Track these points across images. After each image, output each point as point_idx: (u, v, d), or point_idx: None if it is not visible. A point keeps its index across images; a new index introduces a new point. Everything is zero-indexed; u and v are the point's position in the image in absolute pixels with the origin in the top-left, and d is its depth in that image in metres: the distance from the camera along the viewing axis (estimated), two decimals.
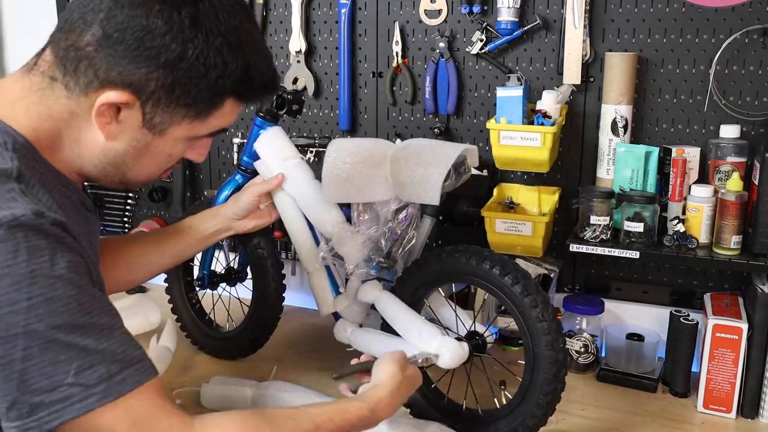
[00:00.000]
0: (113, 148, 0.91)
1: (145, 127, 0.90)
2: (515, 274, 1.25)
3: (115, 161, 0.93)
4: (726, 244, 1.42)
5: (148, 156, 0.94)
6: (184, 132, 0.93)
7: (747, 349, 1.40)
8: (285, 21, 1.87)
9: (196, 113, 0.91)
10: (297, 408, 1.00)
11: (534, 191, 1.69)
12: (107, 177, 0.96)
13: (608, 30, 1.61)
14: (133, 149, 0.92)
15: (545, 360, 1.23)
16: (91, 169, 0.94)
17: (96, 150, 0.91)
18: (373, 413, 1.04)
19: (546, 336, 1.22)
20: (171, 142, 0.94)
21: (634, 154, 1.52)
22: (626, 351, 1.58)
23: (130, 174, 0.96)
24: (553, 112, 1.52)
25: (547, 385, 1.23)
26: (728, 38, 1.50)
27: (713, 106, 1.55)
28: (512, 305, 1.26)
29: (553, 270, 1.68)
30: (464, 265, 1.30)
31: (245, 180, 1.54)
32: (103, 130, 0.89)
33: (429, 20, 1.73)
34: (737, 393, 1.42)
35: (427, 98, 1.75)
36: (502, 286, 1.26)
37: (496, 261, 1.27)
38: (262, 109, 1.49)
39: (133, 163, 0.94)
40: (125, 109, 0.88)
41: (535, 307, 1.23)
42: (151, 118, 0.89)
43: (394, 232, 1.35)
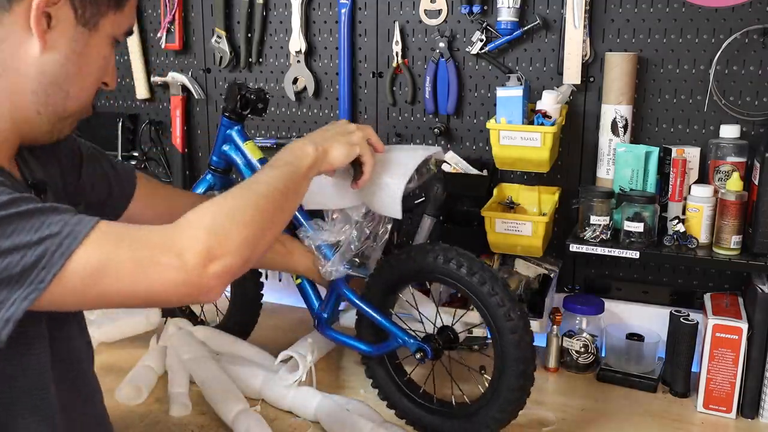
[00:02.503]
0: (52, 59, 0.86)
1: (80, 24, 0.87)
2: (482, 273, 1.27)
3: (55, 76, 0.88)
4: (726, 244, 1.42)
5: (89, 60, 0.90)
6: (110, 26, 0.91)
7: (747, 349, 1.40)
8: (285, 21, 1.87)
9: (117, 2, 0.90)
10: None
11: (534, 191, 1.69)
12: (48, 106, 0.89)
13: (608, 30, 1.61)
14: (74, 53, 0.88)
15: (506, 331, 1.25)
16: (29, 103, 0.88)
17: (32, 69, 0.86)
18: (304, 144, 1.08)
19: (513, 335, 1.24)
20: (104, 40, 0.91)
21: (634, 154, 1.52)
22: (626, 351, 1.58)
23: (73, 90, 0.90)
24: (553, 112, 1.52)
25: (517, 354, 1.25)
26: (728, 38, 1.50)
27: (713, 106, 1.55)
28: (466, 290, 1.29)
29: (553, 270, 1.68)
30: (432, 263, 1.31)
31: (216, 179, 1.54)
32: (41, 39, 0.84)
33: (429, 20, 1.73)
34: (737, 393, 1.42)
35: (427, 98, 1.75)
36: (468, 285, 1.28)
37: (463, 260, 1.28)
38: (228, 109, 1.49)
39: (77, 72, 0.89)
40: (56, 10, 0.84)
41: (484, 283, 1.25)
42: (83, 12, 0.87)
43: (363, 231, 1.36)
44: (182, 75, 1.98)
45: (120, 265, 0.79)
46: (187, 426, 1.39)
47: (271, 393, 1.46)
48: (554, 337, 1.61)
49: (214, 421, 1.41)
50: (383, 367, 1.43)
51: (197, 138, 2.05)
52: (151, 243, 0.81)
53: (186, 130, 2.03)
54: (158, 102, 2.07)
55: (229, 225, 0.86)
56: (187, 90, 1.99)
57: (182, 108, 2.00)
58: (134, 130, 2.09)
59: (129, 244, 0.80)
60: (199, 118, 2.04)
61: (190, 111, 2.04)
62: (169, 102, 2.02)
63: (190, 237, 0.83)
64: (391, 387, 1.43)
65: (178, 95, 2.00)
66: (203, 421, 1.41)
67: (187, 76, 1.98)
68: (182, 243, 0.82)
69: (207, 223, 0.85)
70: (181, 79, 1.98)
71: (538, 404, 1.45)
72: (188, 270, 0.81)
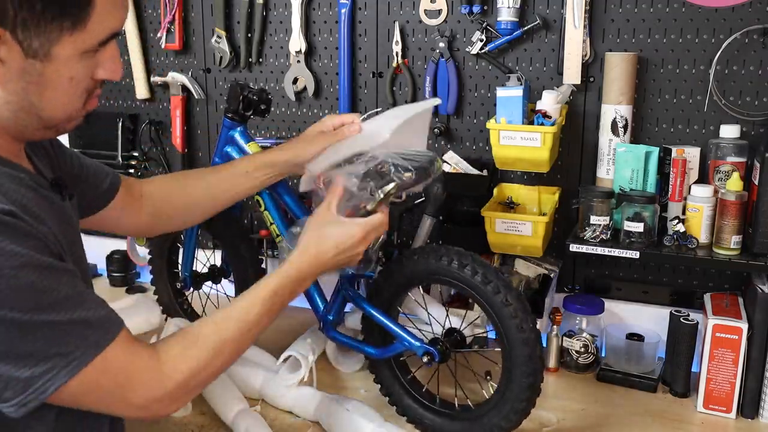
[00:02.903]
0: (13, 90, 0.86)
1: (29, 57, 0.84)
2: (497, 282, 1.26)
3: (22, 105, 0.88)
4: (726, 244, 1.42)
5: (50, 87, 0.87)
6: (72, 48, 0.86)
7: (747, 349, 1.40)
8: (285, 21, 1.87)
9: (71, 23, 0.84)
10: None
11: (534, 191, 1.69)
12: (28, 126, 0.91)
13: (608, 30, 1.61)
14: (31, 85, 0.86)
15: (518, 343, 1.24)
16: (10, 125, 0.90)
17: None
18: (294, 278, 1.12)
19: (514, 319, 1.24)
20: (65, 64, 0.87)
21: (634, 154, 1.52)
22: (626, 351, 1.58)
23: (46, 113, 0.90)
24: (553, 112, 1.52)
25: (526, 367, 1.24)
26: (728, 38, 1.50)
27: (713, 106, 1.55)
28: (479, 298, 1.28)
29: (553, 270, 1.68)
30: (445, 267, 1.31)
31: None
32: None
33: (429, 20, 1.73)
34: (737, 393, 1.42)
35: (427, 98, 1.75)
36: (483, 293, 1.27)
37: (478, 267, 1.28)
38: (230, 110, 1.49)
39: (40, 101, 0.88)
40: (1, 46, 0.82)
41: (498, 293, 1.24)
42: (30, 45, 0.83)
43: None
44: (182, 75, 1.98)
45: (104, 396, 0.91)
46: (188, 426, 1.39)
47: (271, 393, 1.46)
48: (554, 337, 1.61)
49: (214, 421, 1.41)
50: (387, 364, 1.43)
51: (197, 138, 2.05)
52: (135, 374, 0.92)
53: (186, 130, 2.03)
54: (158, 102, 2.06)
55: (206, 378, 1.01)
56: (187, 90, 1.99)
57: (182, 108, 2.00)
58: (134, 130, 2.09)
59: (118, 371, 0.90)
60: (199, 118, 2.03)
61: (190, 111, 2.04)
62: (169, 102, 2.02)
63: (168, 387, 0.95)
64: (394, 384, 1.42)
65: (178, 95, 2.00)
66: (203, 421, 1.41)
67: (187, 76, 1.98)
68: (158, 390, 0.94)
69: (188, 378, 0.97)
70: (181, 79, 1.98)
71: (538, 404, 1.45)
72: (150, 413, 0.95)
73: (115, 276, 2.13)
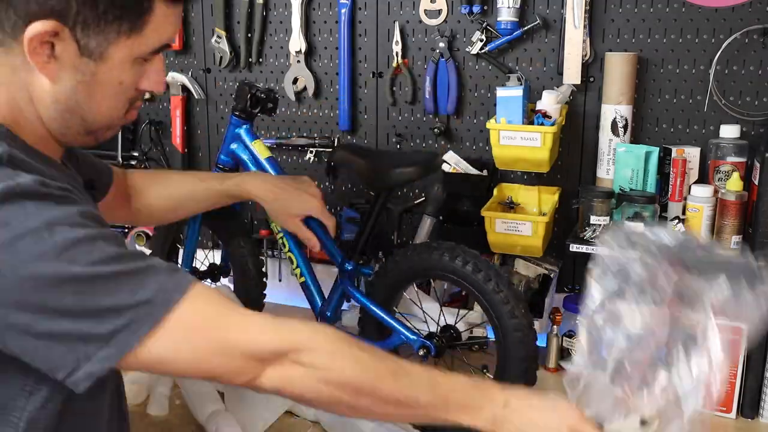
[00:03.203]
0: (62, 89, 0.86)
1: (84, 56, 0.85)
2: (487, 270, 1.29)
3: (68, 105, 0.88)
4: (726, 244, 1.42)
5: (99, 88, 0.88)
6: (126, 52, 0.87)
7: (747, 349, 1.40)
8: (285, 21, 1.87)
9: (129, 27, 0.86)
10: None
11: (534, 191, 1.69)
12: (70, 128, 0.90)
13: (608, 30, 1.60)
14: (81, 84, 0.86)
15: (510, 329, 1.26)
16: (54, 126, 0.90)
17: (47, 99, 0.87)
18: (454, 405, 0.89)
19: (506, 305, 1.26)
20: (117, 67, 0.88)
21: (634, 154, 1.52)
22: None
23: (90, 116, 0.90)
24: (553, 112, 1.52)
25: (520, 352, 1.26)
26: (728, 38, 1.50)
27: (713, 106, 1.55)
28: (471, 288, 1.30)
29: (553, 270, 1.68)
30: (437, 261, 1.33)
31: None
32: (43, 71, 0.84)
33: (429, 20, 1.73)
34: (737, 393, 1.42)
35: (427, 98, 1.75)
36: (473, 282, 1.30)
37: (468, 257, 1.30)
38: (237, 108, 1.50)
39: (88, 102, 0.88)
40: (58, 42, 0.83)
41: (489, 280, 1.27)
42: (87, 44, 0.84)
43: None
44: (182, 75, 1.98)
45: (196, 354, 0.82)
46: (188, 426, 1.39)
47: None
48: (554, 337, 1.61)
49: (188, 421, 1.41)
50: None
51: (197, 138, 2.05)
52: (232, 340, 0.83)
53: (186, 130, 2.03)
54: (158, 102, 2.06)
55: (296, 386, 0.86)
56: (187, 90, 1.99)
57: (182, 108, 2.00)
58: (134, 130, 2.08)
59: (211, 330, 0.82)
60: (199, 118, 2.03)
61: (190, 111, 2.04)
62: (169, 102, 2.02)
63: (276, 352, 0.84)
64: None
65: (178, 95, 2.00)
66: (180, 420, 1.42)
67: (187, 76, 1.98)
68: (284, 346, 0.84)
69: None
70: (181, 79, 1.98)
71: None
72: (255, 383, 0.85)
73: None
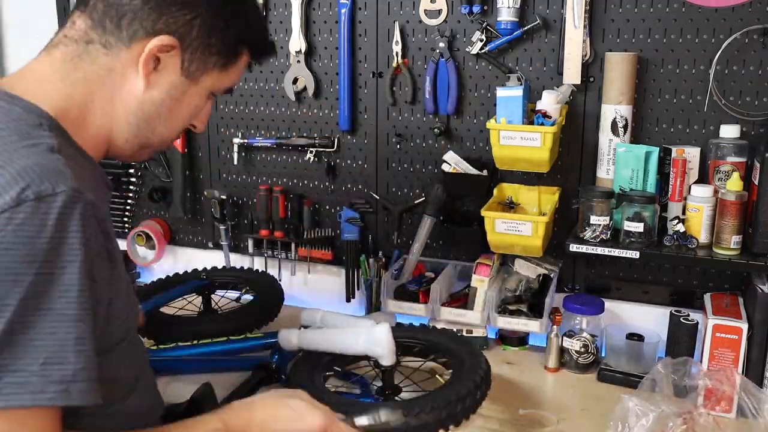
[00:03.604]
0: (150, 98, 0.95)
1: (183, 74, 0.96)
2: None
3: (149, 114, 0.96)
4: (726, 244, 1.42)
5: (181, 107, 0.99)
6: (211, 82, 0.99)
7: (747, 349, 1.40)
8: (285, 21, 1.87)
9: (223, 62, 0.98)
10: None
11: (534, 191, 1.69)
12: (138, 137, 0.98)
13: (608, 30, 1.61)
14: (170, 98, 0.96)
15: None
16: (124, 130, 0.96)
17: (133, 103, 0.95)
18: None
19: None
20: (200, 93, 0.99)
21: (634, 154, 1.52)
22: (626, 351, 1.58)
23: (161, 130, 0.99)
24: (553, 112, 1.52)
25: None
26: (728, 38, 1.50)
27: (713, 106, 1.55)
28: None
29: (553, 270, 1.68)
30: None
31: None
32: (146, 78, 0.93)
33: (429, 20, 1.73)
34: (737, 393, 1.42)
35: (427, 98, 1.75)
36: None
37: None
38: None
39: (167, 116, 0.98)
40: (166, 57, 0.93)
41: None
42: (189, 65, 0.95)
43: None
44: None
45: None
46: None
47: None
48: (554, 337, 1.61)
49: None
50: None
51: (197, 138, 2.04)
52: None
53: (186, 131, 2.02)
54: None
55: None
56: None
57: None
58: None
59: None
60: None
61: None
62: None
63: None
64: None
65: None
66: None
67: None
68: None
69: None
70: None
71: (538, 404, 1.45)
72: None
73: None
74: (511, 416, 1.41)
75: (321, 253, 1.94)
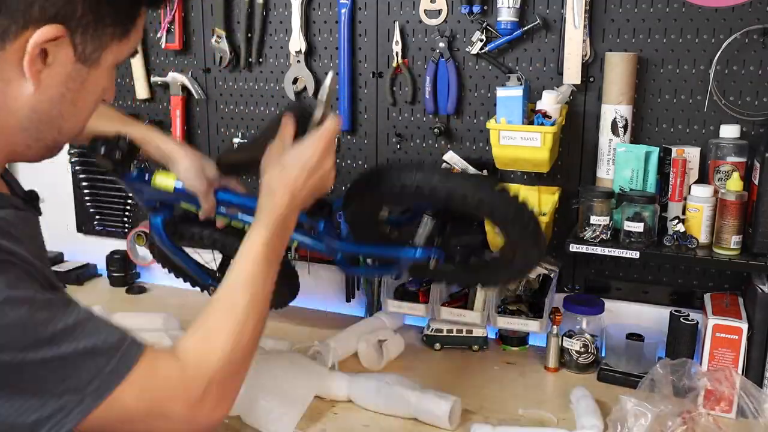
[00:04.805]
0: (45, 98, 0.81)
1: (79, 61, 0.81)
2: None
3: (49, 115, 0.82)
4: (726, 244, 1.42)
5: (84, 96, 0.85)
6: (113, 57, 0.85)
7: (747, 349, 1.40)
8: (285, 21, 1.87)
9: (121, 31, 0.83)
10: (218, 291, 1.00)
11: (534, 191, 1.69)
12: (41, 140, 0.85)
13: (608, 30, 1.60)
14: (69, 92, 0.82)
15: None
16: (19, 139, 0.83)
17: (24, 109, 0.80)
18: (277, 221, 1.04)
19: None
20: (104, 73, 0.85)
21: (634, 154, 1.52)
22: (626, 351, 1.58)
23: (67, 126, 0.86)
24: (553, 112, 1.52)
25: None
26: (728, 38, 1.50)
27: (713, 106, 1.55)
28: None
29: (553, 270, 1.68)
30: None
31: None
32: (34, 79, 0.78)
33: (429, 20, 1.73)
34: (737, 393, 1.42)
35: (427, 98, 1.75)
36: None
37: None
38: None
39: (70, 110, 0.84)
40: (53, 48, 0.78)
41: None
42: (83, 49, 0.80)
43: None
44: (182, 75, 1.98)
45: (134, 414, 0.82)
46: None
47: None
48: (554, 337, 1.61)
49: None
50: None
51: (197, 138, 2.05)
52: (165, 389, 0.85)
53: (186, 130, 2.03)
54: (158, 102, 2.06)
55: (236, 371, 0.93)
56: (187, 90, 1.99)
57: (182, 108, 2.00)
58: None
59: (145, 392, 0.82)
60: (199, 118, 2.04)
61: (190, 111, 2.04)
62: (169, 102, 2.02)
63: (201, 388, 0.87)
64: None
65: (178, 95, 2.00)
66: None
67: (187, 76, 1.98)
68: (193, 394, 0.87)
69: (216, 371, 0.89)
70: (181, 79, 1.98)
71: (538, 404, 1.45)
72: (196, 422, 0.87)
73: (115, 276, 2.13)
74: (511, 416, 1.41)
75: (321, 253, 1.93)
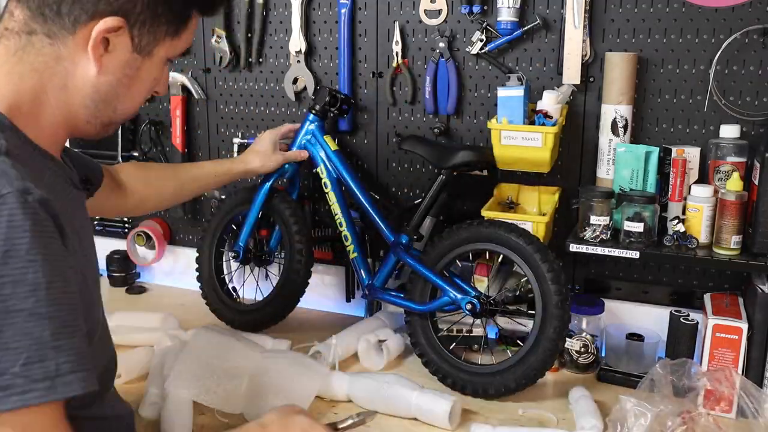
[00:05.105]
0: (105, 80, 0.93)
1: (135, 51, 0.94)
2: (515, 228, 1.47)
3: (107, 95, 0.95)
4: (726, 244, 1.42)
5: (138, 82, 0.97)
6: (165, 51, 0.97)
7: (747, 349, 1.40)
8: (285, 21, 1.87)
9: (174, 29, 0.96)
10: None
11: (534, 191, 1.69)
12: (98, 117, 0.97)
13: (608, 30, 1.61)
14: (125, 77, 0.95)
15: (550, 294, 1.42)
16: (81, 114, 0.95)
17: (87, 88, 0.93)
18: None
19: (556, 296, 1.41)
20: (156, 65, 0.98)
21: (634, 154, 1.52)
22: (626, 351, 1.58)
23: (121, 107, 0.98)
24: (553, 112, 1.52)
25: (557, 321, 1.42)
26: (728, 38, 1.50)
27: (713, 106, 1.56)
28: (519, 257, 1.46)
29: None
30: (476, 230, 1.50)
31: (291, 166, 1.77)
32: (97, 62, 0.91)
33: (429, 20, 1.73)
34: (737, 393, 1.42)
35: (427, 98, 1.75)
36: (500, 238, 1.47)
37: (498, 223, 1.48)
38: (315, 107, 1.71)
39: (125, 93, 0.96)
40: (114, 37, 0.91)
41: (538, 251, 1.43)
42: (140, 41, 0.93)
43: None
44: (182, 75, 1.98)
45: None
46: None
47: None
48: None
49: (213, 421, 1.41)
50: (422, 320, 1.56)
51: (197, 138, 2.05)
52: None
53: (186, 130, 2.03)
54: (158, 102, 2.06)
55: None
56: (187, 90, 1.99)
57: (182, 108, 2.00)
58: (134, 130, 2.09)
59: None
60: (199, 119, 2.04)
61: (190, 111, 2.04)
62: (169, 102, 2.02)
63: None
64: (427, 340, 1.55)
65: (178, 95, 2.00)
66: (203, 421, 1.41)
67: (187, 76, 1.98)
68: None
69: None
70: (181, 79, 1.98)
71: (538, 404, 1.45)
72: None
73: (115, 276, 2.13)
74: (510, 416, 1.41)
75: (321, 253, 1.94)
